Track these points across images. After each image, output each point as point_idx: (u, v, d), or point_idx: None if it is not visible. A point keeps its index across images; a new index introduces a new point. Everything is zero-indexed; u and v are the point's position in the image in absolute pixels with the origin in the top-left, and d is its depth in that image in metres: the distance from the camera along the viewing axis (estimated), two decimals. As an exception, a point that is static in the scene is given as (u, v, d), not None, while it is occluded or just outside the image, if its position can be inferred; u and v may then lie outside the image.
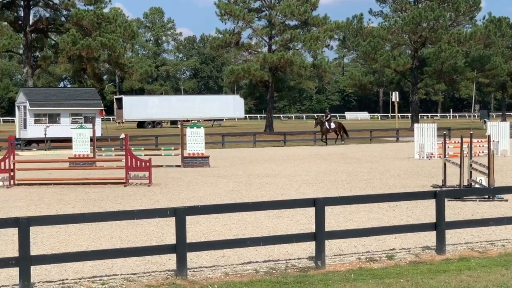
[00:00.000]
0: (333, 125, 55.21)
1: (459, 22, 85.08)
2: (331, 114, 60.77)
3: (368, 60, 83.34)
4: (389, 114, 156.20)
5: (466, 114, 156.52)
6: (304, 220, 17.83)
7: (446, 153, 25.59)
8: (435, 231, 14.22)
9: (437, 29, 78.02)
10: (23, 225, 11.66)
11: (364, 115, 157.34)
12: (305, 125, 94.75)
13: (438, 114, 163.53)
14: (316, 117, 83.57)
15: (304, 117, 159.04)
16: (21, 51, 74.08)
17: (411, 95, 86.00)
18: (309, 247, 14.05)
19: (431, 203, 16.02)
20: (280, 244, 14.30)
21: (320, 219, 13.22)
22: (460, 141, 23.40)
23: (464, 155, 22.35)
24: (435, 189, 22.39)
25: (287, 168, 34.41)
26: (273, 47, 78.05)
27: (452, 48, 76.66)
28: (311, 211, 14.02)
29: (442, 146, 25.88)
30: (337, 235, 14.51)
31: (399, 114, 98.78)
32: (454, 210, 19.13)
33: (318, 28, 76.57)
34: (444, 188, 22.59)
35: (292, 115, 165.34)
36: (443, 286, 11.62)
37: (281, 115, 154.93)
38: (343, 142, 55.31)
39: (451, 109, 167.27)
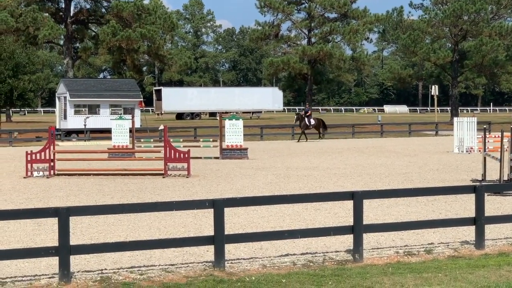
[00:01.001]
0: (312, 122, 53.69)
1: (500, 15, 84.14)
2: (311, 109, 60.18)
3: (408, 53, 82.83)
4: (428, 108, 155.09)
5: (506, 108, 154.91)
6: (342, 213, 17.79)
7: (486, 147, 25.35)
8: (474, 226, 14.11)
9: (478, 22, 77.27)
10: (62, 215, 11.77)
11: (403, 108, 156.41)
12: (343, 118, 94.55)
13: (478, 108, 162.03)
14: (297, 111, 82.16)
15: (343, 110, 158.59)
16: (61, 42, 74.68)
17: (451, 88, 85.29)
18: (347, 240, 14.01)
19: (470, 198, 15.90)
20: (318, 237, 14.28)
21: (358, 212, 13.19)
22: (500, 135, 23.17)
23: (505, 150, 22.15)
24: (474, 183, 22.22)
25: (325, 160, 34.35)
26: (312, 40, 77.90)
27: (493, 41, 75.89)
28: (349, 204, 14.00)
29: (482, 140, 25.64)
30: (375, 228, 14.46)
31: (438, 108, 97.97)
32: (494, 205, 18.97)
33: (358, 21, 76.28)
34: (483, 183, 22.39)
35: (331, 108, 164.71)
36: (482, 281, 11.53)
37: (319, 108, 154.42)
38: (321, 137, 54.49)
39: (491, 103, 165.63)
